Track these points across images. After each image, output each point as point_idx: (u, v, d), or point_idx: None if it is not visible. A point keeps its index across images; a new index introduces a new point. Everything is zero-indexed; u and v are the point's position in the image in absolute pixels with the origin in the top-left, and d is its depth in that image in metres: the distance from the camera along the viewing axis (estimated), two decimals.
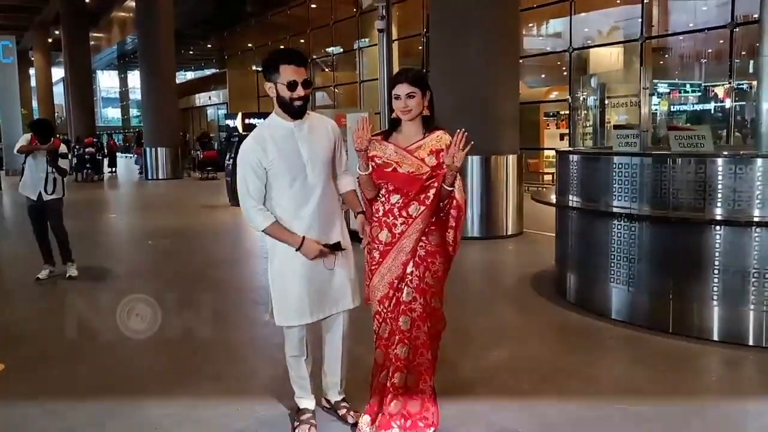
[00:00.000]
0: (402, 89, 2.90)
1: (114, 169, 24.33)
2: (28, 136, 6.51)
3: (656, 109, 13.60)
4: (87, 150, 20.69)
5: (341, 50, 22.54)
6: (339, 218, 3.10)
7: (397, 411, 2.92)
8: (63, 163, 6.54)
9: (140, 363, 4.21)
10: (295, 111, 2.91)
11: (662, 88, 13.97)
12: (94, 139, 22.95)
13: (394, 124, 3.01)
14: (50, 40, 37.83)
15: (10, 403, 3.61)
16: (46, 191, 6.40)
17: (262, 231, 2.95)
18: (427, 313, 2.90)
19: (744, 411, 3.45)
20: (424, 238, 2.91)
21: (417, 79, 2.93)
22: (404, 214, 2.90)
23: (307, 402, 3.18)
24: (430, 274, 2.90)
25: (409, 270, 2.90)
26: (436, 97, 3.06)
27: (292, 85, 2.85)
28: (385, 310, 2.95)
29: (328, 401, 3.29)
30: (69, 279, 6.50)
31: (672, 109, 13.84)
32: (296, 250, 2.91)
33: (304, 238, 2.90)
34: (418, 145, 2.93)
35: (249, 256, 8.26)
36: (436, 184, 2.89)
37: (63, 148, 6.60)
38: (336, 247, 2.94)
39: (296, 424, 3.13)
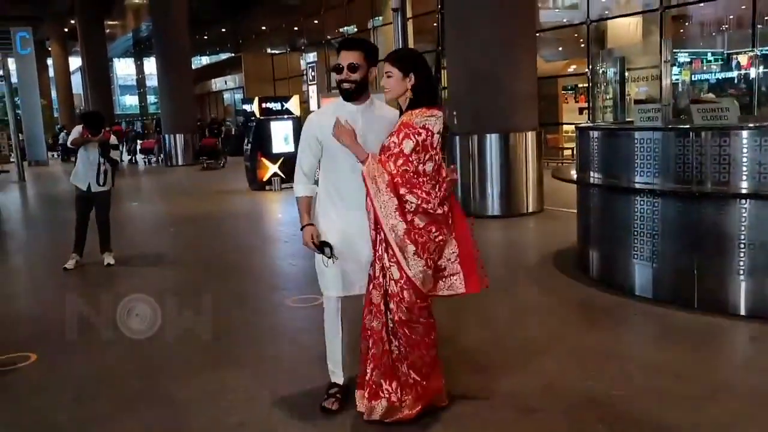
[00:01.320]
0: (384, 68, 2.95)
1: (133, 157, 24.30)
2: (79, 128, 6.65)
3: (677, 79, 13.35)
4: None
5: (355, 30, 22.38)
6: None
7: (378, 380, 2.97)
8: (114, 155, 6.69)
9: (166, 349, 4.26)
10: (342, 92, 3.06)
11: (683, 57, 13.70)
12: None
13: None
14: (66, 30, 38.07)
15: (41, 392, 3.70)
16: (98, 183, 6.55)
17: (295, 197, 3.18)
18: (390, 294, 2.91)
19: None
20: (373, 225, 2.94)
21: (395, 59, 2.94)
22: None
23: (337, 377, 3.29)
24: (387, 257, 2.90)
25: (378, 247, 2.93)
26: (451, 74, 3.02)
27: (337, 69, 3.02)
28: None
29: None
30: (107, 267, 6.64)
31: (693, 79, 13.57)
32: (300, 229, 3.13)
33: (308, 225, 3.09)
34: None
35: (270, 242, 8.31)
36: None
37: (113, 140, 6.73)
38: (321, 248, 3.03)
39: (325, 397, 3.24)
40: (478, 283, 3.03)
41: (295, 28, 26.73)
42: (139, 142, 25.58)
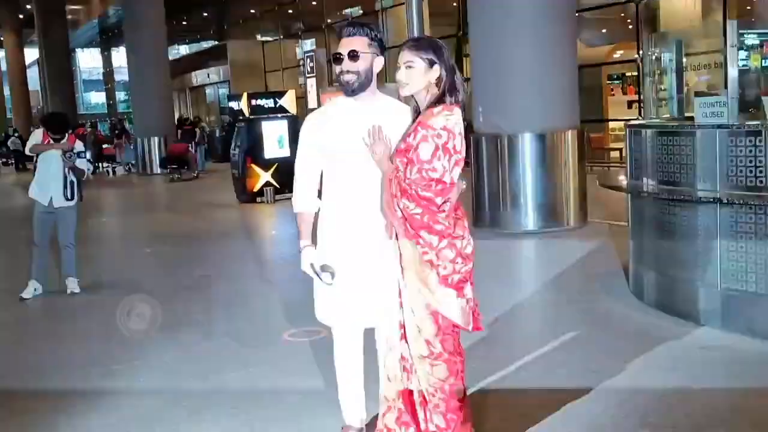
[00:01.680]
0: (402, 57, 2.90)
1: (96, 165, 24.44)
2: (39, 132, 6.68)
3: (745, 66, 13.32)
4: None
5: (360, 12, 22.54)
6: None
7: (392, 423, 3.00)
8: (80, 163, 6.65)
9: (147, 395, 4.28)
10: (343, 85, 3.04)
11: (751, 40, 13.67)
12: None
13: None
14: (21, 17, 38.56)
15: None
16: (64, 196, 6.52)
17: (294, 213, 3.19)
18: (409, 328, 2.92)
19: None
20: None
21: (418, 47, 2.90)
22: None
23: (350, 418, 3.29)
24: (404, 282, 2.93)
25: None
26: (475, 63, 3.00)
27: (336, 59, 3.00)
28: None
29: None
30: (72, 295, 6.64)
31: (765, 65, 13.53)
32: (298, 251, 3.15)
33: (307, 246, 3.11)
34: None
35: (263, 264, 8.33)
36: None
37: (79, 146, 6.74)
38: (318, 272, 3.05)
39: None
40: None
41: (290, 11, 26.94)
42: (105, 146, 25.78)
